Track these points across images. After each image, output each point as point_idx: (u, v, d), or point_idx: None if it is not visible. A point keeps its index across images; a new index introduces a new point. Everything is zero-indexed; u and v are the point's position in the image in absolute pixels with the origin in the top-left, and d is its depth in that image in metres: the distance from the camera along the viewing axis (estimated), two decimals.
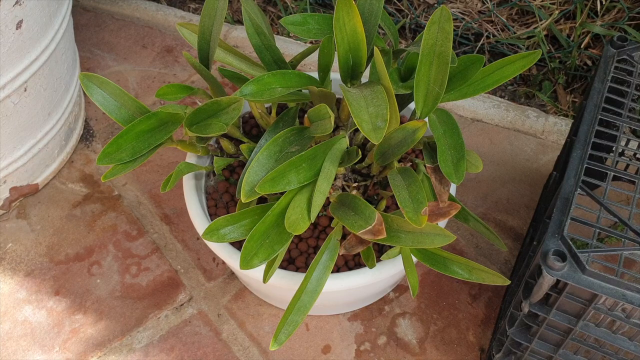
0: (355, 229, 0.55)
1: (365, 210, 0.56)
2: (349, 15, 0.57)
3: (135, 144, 0.62)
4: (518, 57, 0.62)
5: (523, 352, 0.62)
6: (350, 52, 0.59)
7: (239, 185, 0.62)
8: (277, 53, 0.64)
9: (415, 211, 0.55)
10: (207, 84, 0.66)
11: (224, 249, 0.68)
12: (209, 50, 0.64)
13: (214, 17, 0.63)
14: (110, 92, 0.64)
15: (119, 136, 0.61)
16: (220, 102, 0.62)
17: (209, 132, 0.62)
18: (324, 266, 0.60)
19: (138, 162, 0.62)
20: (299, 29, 0.64)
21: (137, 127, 0.62)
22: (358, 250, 0.61)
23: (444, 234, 0.57)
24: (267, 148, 0.59)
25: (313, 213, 0.56)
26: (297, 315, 0.58)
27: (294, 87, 0.59)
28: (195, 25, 0.67)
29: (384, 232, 0.55)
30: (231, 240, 0.59)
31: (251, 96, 0.57)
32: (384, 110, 0.53)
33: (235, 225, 0.59)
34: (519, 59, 0.62)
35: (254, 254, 0.56)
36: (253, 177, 0.57)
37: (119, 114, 0.64)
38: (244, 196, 0.56)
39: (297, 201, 0.57)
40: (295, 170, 0.56)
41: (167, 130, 0.63)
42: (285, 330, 0.57)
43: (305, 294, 0.59)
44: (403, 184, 0.59)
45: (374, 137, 0.52)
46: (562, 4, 1.08)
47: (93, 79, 0.63)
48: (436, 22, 0.57)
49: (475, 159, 0.62)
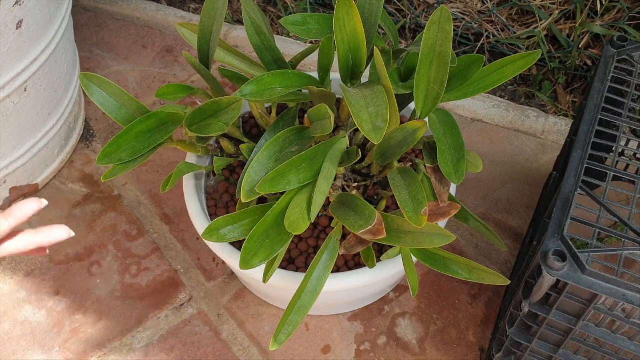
0: (356, 229, 0.55)
1: (365, 210, 0.56)
2: (349, 15, 0.57)
3: (135, 144, 0.62)
4: (518, 57, 0.62)
5: (523, 352, 0.62)
6: (350, 52, 0.59)
7: (239, 185, 0.62)
8: (277, 53, 0.64)
9: (415, 211, 0.55)
10: (207, 84, 0.66)
11: (224, 249, 0.68)
12: (209, 50, 0.64)
13: (214, 17, 0.63)
14: (110, 92, 0.64)
15: (118, 136, 0.61)
16: (220, 102, 0.62)
17: (209, 132, 0.62)
18: (324, 266, 0.60)
19: (138, 162, 0.62)
20: (299, 29, 0.64)
21: (137, 127, 0.62)
22: (358, 250, 0.61)
23: (443, 234, 0.57)
24: (267, 148, 0.59)
25: (313, 213, 0.56)
26: (297, 315, 0.58)
27: (294, 87, 0.59)
28: (196, 25, 0.67)
29: (383, 232, 0.55)
30: (231, 240, 0.59)
31: (251, 96, 0.57)
32: (384, 110, 0.53)
33: (235, 225, 0.59)
34: (519, 59, 0.62)
35: (253, 253, 0.56)
36: (253, 177, 0.57)
37: (119, 114, 0.64)
38: (244, 196, 0.56)
39: (297, 201, 0.57)
40: (295, 170, 0.56)
41: (167, 130, 0.63)
42: (285, 330, 0.57)
43: (305, 293, 0.59)
44: (403, 184, 0.59)
45: (374, 137, 0.52)
46: (562, 4, 1.08)
47: (93, 79, 0.63)
48: (436, 22, 0.57)
49: (475, 159, 0.62)
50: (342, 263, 0.70)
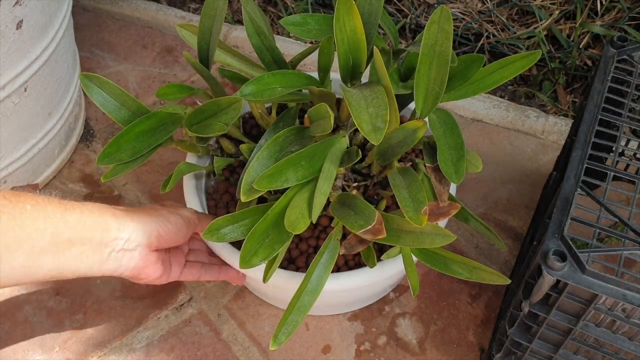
0: (356, 229, 0.55)
1: (365, 210, 0.56)
2: (349, 16, 0.57)
3: (135, 144, 0.62)
4: (518, 57, 0.62)
5: (523, 352, 0.62)
6: (350, 53, 0.59)
7: (239, 184, 0.62)
8: (277, 53, 0.64)
9: (415, 211, 0.55)
10: (207, 84, 0.66)
11: (224, 248, 0.68)
12: (208, 51, 0.64)
13: (214, 17, 0.63)
14: (110, 92, 0.64)
15: (119, 136, 0.61)
16: (220, 102, 0.62)
17: (209, 132, 0.62)
18: (324, 266, 0.60)
19: (138, 162, 0.62)
20: (299, 30, 0.64)
21: (137, 127, 0.62)
22: (358, 250, 0.61)
23: (444, 233, 0.57)
24: (268, 147, 0.59)
25: (314, 214, 0.56)
26: (297, 315, 0.58)
27: (294, 87, 0.59)
28: (195, 26, 0.67)
29: (383, 232, 0.55)
30: (231, 239, 0.59)
31: (251, 96, 0.56)
32: (383, 111, 0.53)
33: (236, 225, 0.59)
34: (519, 59, 0.62)
35: (253, 253, 0.56)
36: (252, 175, 0.57)
37: (119, 114, 0.64)
38: (243, 195, 0.56)
39: (296, 201, 0.57)
40: (293, 168, 0.56)
41: (167, 131, 0.63)
42: (285, 330, 0.57)
43: (305, 293, 0.59)
44: (403, 183, 0.58)
45: (374, 138, 0.52)
46: (562, 4, 1.08)
47: (93, 79, 0.63)
48: (436, 22, 0.57)
49: (475, 159, 0.62)
50: (342, 263, 0.70)
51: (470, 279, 0.61)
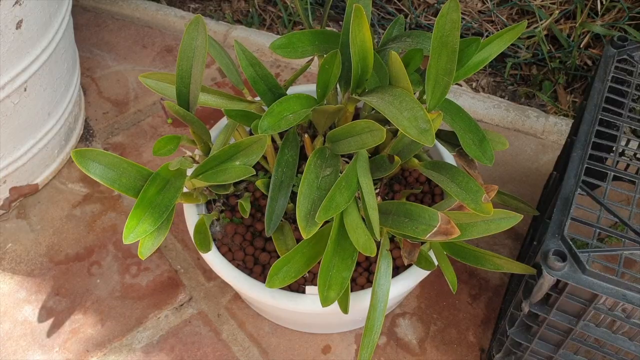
0: (420, 234, 0.54)
1: (424, 214, 0.55)
2: (359, 27, 0.56)
3: (151, 210, 0.60)
4: (504, 31, 0.62)
5: (523, 352, 0.62)
6: (360, 62, 0.59)
7: (267, 220, 0.62)
8: (271, 80, 0.64)
9: (475, 201, 0.54)
10: (190, 127, 0.64)
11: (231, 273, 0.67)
12: (189, 95, 0.63)
13: (192, 58, 0.62)
14: (106, 163, 0.61)
15: (135, 207, 0.59)
16: (240, 144, 0.60)
17: (226, 179, 0.60)
18: (384, 277, 0.59)
19: (164, 229, 0.60)
20: (285, 52, 0.64)
21: (147, 193, 0.60)
22: (416, 254, 0.60)
23: (507, 216, 0.56)
24: (306, 179, 0.58)
25: (376, 230, 0.55)
26: (373, 333, 0.58)
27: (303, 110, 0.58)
28: (165, 74, 0.65)
29: (456, 229, 0.53)
30: (290, 281, 0.59)
31: (271, 129, 0.56)
32: (420, 112, 0.53)
33: (289, 265, 0.59)
34: (505, 32, 0.62)
35: (328, 287, 0.56)
36: (304, 210, 0.56)
37: (122, 183, 0.61)
38: (305, 231, 0.55)
39: (350, 223, 0.56)
40: (339, 192, 0.56)
41: (175, 187, 0.61)
42: (366, 347, 0.57)
43: (373, 308, 0.58)
44: (445, 177, 0.58)
45: (425, 140, 0.51)
46: (562, 3, 1.08)
47: (87, 154, 0.60)
48: (444, 15, 0.57)
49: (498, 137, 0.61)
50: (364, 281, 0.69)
51: (501, 270, 0.60)
